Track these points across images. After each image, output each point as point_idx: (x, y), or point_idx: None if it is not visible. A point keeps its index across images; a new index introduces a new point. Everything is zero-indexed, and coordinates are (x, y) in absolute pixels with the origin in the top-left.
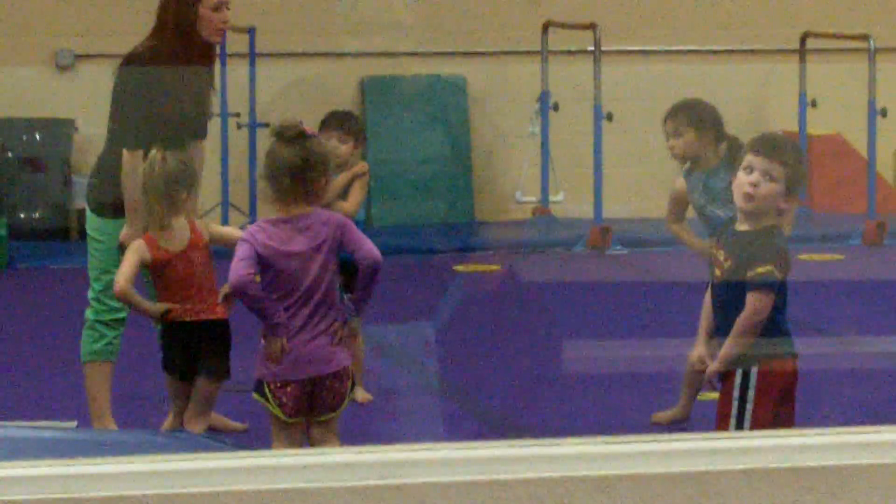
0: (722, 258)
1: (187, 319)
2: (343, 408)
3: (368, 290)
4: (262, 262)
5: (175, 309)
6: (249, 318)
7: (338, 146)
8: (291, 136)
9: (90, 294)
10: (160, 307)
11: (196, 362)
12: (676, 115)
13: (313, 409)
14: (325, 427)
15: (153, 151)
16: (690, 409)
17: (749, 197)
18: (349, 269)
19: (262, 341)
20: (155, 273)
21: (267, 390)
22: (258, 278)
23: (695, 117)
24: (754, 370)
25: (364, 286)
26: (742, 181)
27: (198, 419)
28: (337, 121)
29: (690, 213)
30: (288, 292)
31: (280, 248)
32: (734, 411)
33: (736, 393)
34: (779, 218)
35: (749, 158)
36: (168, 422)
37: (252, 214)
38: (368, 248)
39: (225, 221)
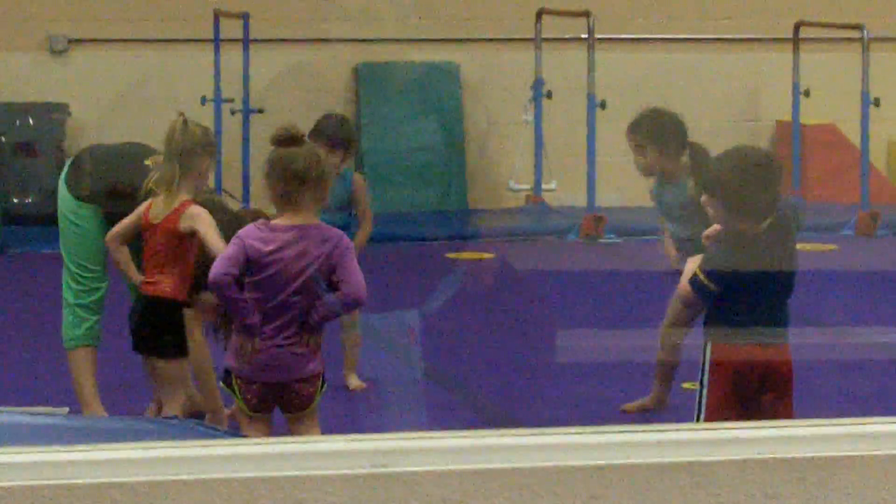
0: None
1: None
2: (313, 406)
3: (339, 314)
4: (250, 263)
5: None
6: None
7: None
8: (297, 137)
9: (66, 275)
10: (139, 277)
11: (146, 338)
12: (638, 131)
13: (281, 407)
14: (302, 419)
15: (175, 118)
16: (665, 397)
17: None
18: None
19: (234, 335)
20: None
21: (234, 383)
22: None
23: (656, 133)
24: (708, 355)
25: (337, 312)
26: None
27: (169, 403)
28: (327, 131)
29: None
30: (268, 297)
31: (270, 255)
32: (697, 398)
33: (698, 376)
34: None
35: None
36: (150, 408)
37: (245, 201)
38: (356, 282)
39: None
